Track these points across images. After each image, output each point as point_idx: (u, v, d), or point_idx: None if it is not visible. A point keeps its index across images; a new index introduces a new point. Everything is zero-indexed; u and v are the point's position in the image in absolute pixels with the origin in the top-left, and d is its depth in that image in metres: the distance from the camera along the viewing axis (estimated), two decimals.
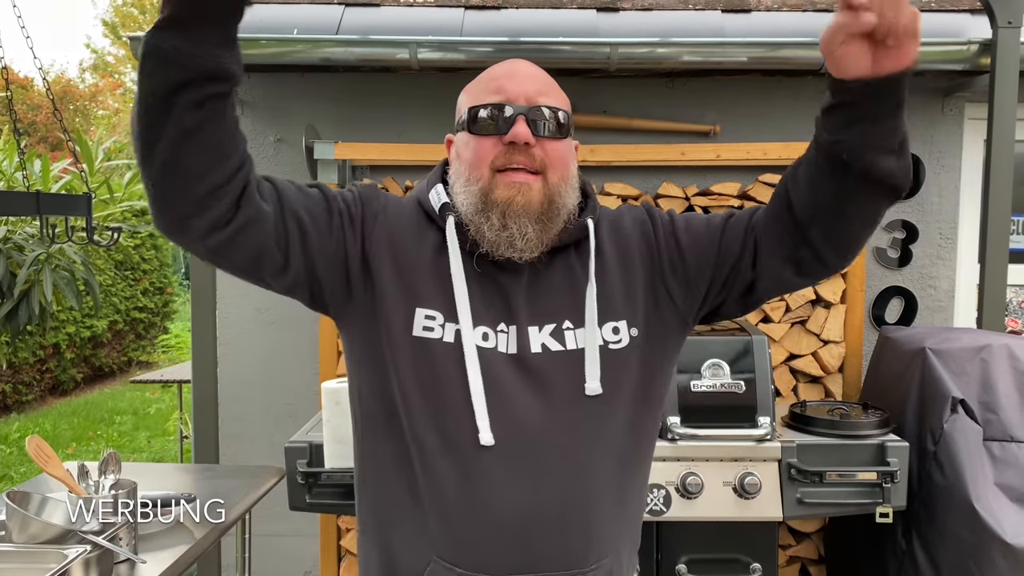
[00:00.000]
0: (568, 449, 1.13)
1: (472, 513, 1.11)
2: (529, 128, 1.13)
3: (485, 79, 1.20)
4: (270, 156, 3.44)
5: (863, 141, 1.03)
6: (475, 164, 1.15)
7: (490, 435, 1.09)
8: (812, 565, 3.13)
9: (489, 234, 1.12)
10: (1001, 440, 2.48)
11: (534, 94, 1.16)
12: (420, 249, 1.17)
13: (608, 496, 1.16)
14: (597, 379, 1.14)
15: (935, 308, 3.38)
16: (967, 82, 3.21)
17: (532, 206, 1.12)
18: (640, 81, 3.33)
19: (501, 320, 1.15)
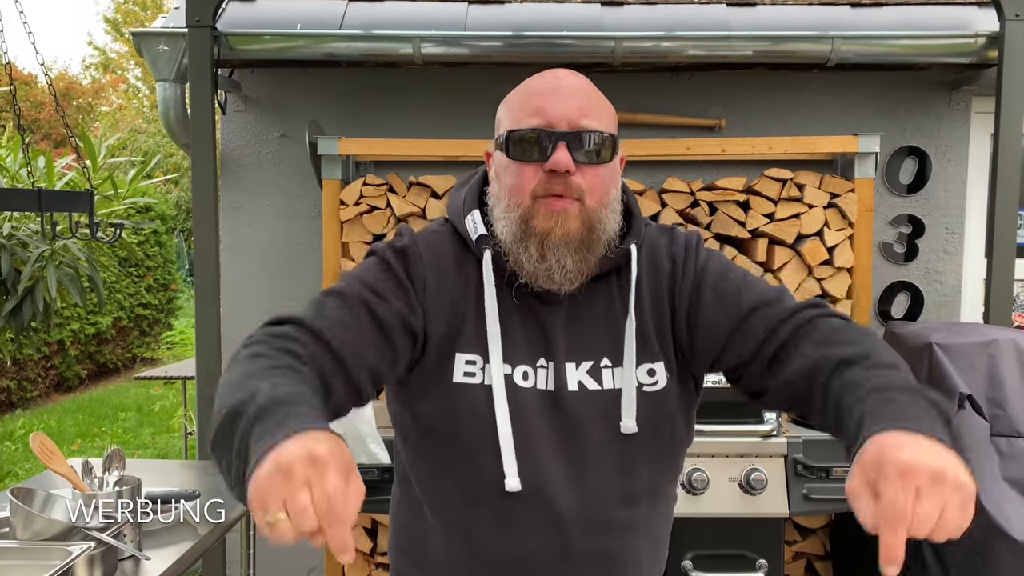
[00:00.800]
0: (603, 487, 1.11)
1: (504, 554, 1.10)
2: (570, 154, 1.08)
3: (525, 95, 1.13)
4: (274, 152, 3.43)
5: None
6: (515, 191, 1.11)
7: (516, 481, 1.07)
8: (818, 561, 3.12)
9: (528, 266, 1.10)
10: (1008, 436, 2.47)
11: (576, 115, 1.09)
12: (461, 288, 1.14)
13: (641, 530, 1.15)
14: (633, 418, 1.11)
15: (941, 303, 3.37)
16: (974, 75, 3.19)
17: (571, 236, 1.09)
18: (645, 75, 3.32)
19: (540, 356, 1.12)
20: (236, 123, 3.44)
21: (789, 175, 3.04)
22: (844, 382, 0.98)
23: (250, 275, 3.44)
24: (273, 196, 3.43)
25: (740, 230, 3.04)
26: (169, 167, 12.71)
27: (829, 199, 3.03)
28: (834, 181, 3.04)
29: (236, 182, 3.44)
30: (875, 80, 3.32)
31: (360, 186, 3.06)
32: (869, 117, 3.34)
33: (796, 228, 3.02)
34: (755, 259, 3.05)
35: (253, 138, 3.44)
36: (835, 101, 3.35)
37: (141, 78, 20.56)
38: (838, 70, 3.19)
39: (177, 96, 3.17)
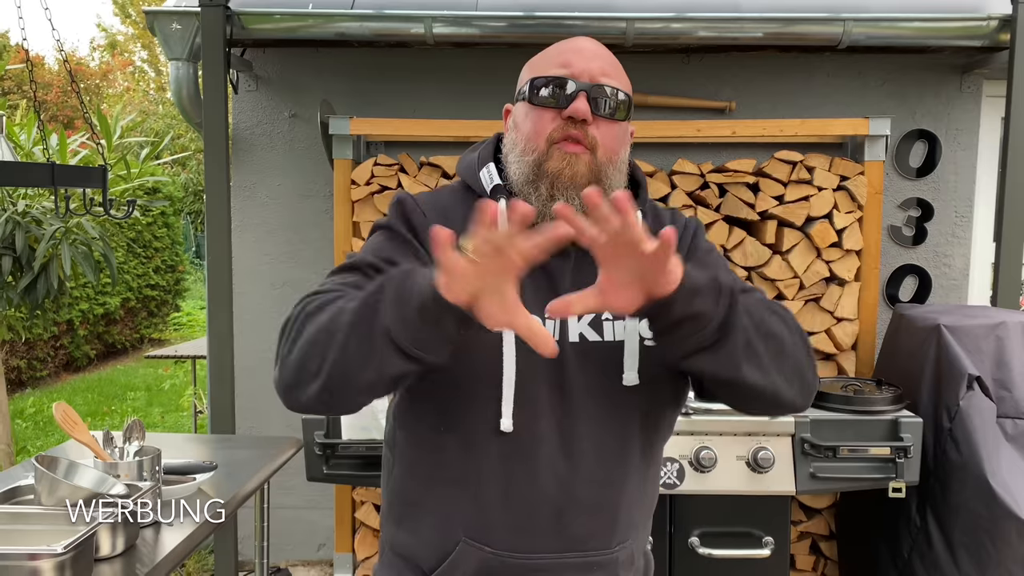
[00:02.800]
0: (601, 437, 1.14)
1: (503, 498, 1.12)
2: (589, 105, 1.12)
3: (552, 52, 1.19)
4: (285, 132, 3.44)
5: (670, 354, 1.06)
6: (532, 136, 1.15)
7: (510, 422, 1.10)
8: (823, 541, 3.15)
9: (537, 204, 1.13)
10: (1014, 417, 2.49)
11: (598, 73, 1.15)
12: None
13: (634, 483, 1.19)
14: (635, 370, 1.14)
15: (949, 287, 3.38)
16: (985, 59, 3.19)
17: (579, 178, 1.12)
18: (657, 57, 3.32)
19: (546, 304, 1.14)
20: (248, 103, 3.45)
21: (799, 157, 3.04)
22: None
23: (261, 253, 3.47)
24: (285, 176, 3.45)
25: (750, 212, 3.05)
26: (176, 148, 12.73)
27: (839, 182, 3.04)
28: (844, 164, 3.05)
29: (248, 162, 3.46)
30: (886, 63, 3.32)
31: (371, 166, 3.08)
32: (880, 100, 3.34)
33: (805, 210, 3.03)
34: (764, 241, 3.06)
35: (265, 118, 3.45)
36: (846, 84, 3.35)
37: (147, 60, 20.54)
38: (849, 52, 3.19)
39: (190, 75, 3.19)
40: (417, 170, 3.12)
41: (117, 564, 1.50)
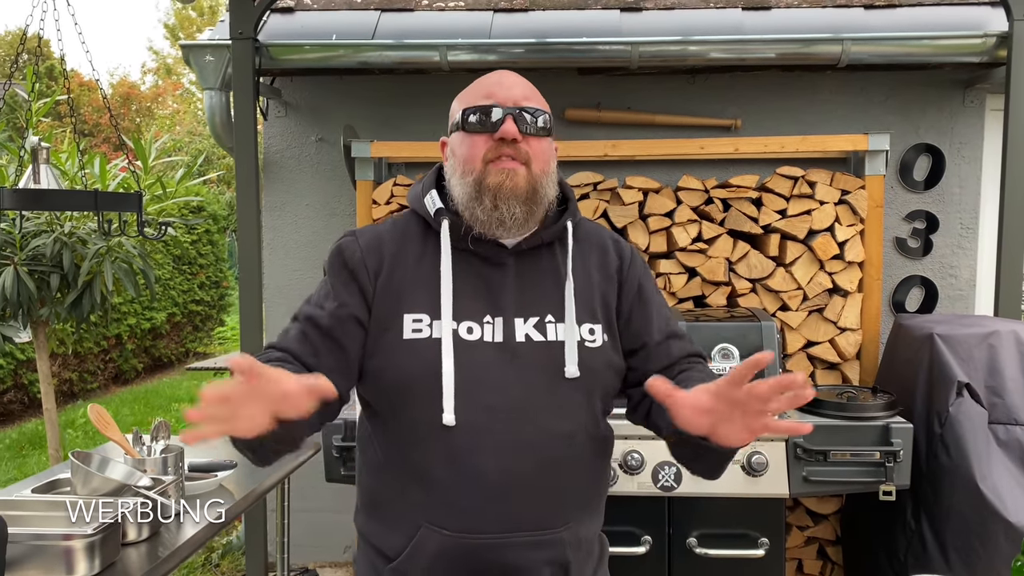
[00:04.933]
0: (547, 423, 1.28)
1: (456, 483, 1.25)
2: (516, 126, 1.28)
3: (475, 87, 1.35)
4: (312, 155, 3.65)
5: (693, 468, 1.34)
6: (469, 159, 1.30)
7: (452, 416, 1.23)
8: (829, 546, 3.22)
9: (482, 215, 1.28)
10: (1006, 423, 2.55)
11: (520, 98, 1.31)
12: (406, 261, 1.33)
13: (580, 467, 1.32)
14: (575, 364, 1.29)
15: (956, 297, 3.44)
16: (987, 74, 3.26)
17: (519, 190, 1.28)
18: (663, 78, 3.45)
19: (487, 312, 1.29)
20: (277, 128, 3.67)
21: (800, 173, 3.14)
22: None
23: (291, 270, 3.67)
24: (312, 196, 3.66)
25: (753, 226, 3.16)
26: (223, 167, 13.15)
27: (840, 196, 3.13)
28: (845, 178, 3.14)
29: (277, 183, 3.67)
30: (889, 79, 3.41)
31: (391, 186, 3.26)
32: (883, 115, 3.42)
33: (807, 224, 3.12)
34: (768, 253, 3.16)
35: (293, 142, 3.66)
36: (849, 100, 3.45)
37: (196, 83, 21.19)
38: (851, 70, 3.29)
39: (222, 103, 3.41)
40: None
41: (143, 548, 1.68)
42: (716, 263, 3.14)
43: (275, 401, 1.04)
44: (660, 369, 1.35)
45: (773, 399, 1.07)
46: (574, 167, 3.33)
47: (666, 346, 1.39)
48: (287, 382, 1.04)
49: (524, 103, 1.30)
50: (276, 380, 1.04)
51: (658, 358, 1.38)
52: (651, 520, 2.61)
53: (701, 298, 3.19)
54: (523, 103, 1.30)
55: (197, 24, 21.13)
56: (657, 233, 3.19)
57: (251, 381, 1.01)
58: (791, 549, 3.21)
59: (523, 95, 1.32)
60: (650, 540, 2.59)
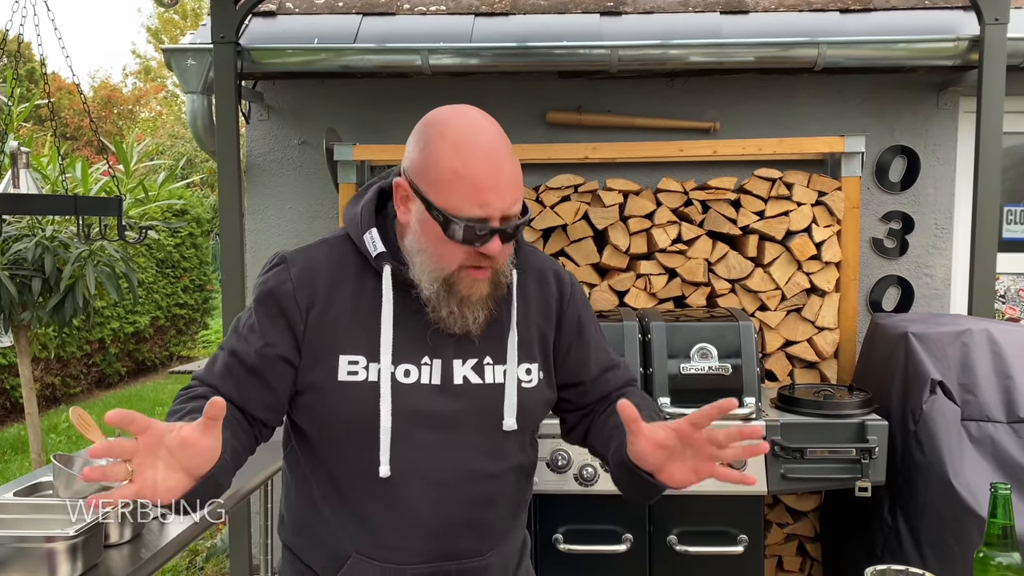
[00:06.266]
0: (480, 465, 1.29)
1: (387, 524, 1.27)
2: (501, 243, 1.20)
3: (469, 184, 1.17)
4: (295, 158, 3.66)
5: (629, 494, 1.32)
6: (444, 261, 1.21)
7: (387, 468, 1.23)
8: (808, 542, 3.26)
9: (446, 317, 1.24)
10: (978, 420, 2.60)
11: (510, 203, 1.20)
12: (342, 298, 1.27)
13: (509, 500, 1.35)
14: (514, 416, 1.30)
15: (931, 296, 3.49)
16: (960, 77, 3.31)
17: (484, 295, 1.25)
18: (643, 81, 3.49)
19: (426, 354, 1.26)
20: (260, 131, 3.68)
21: (778, 175, 3.19)
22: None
23: None
24: (294, 199, 3.67)
25: (731, 227, 3.20)
26: (206, 171, 13.11)
27: (817, 197, 3.18)
28: (822, 180, 3.19)
29: (260, 186, 3.68)
30: (865, 82, 3.46)
31: None
32: (859, 118, 3.47)
33: (785, 225, 3.17)
34: (746, 254, 3.20)
35: (276, 145, 3.68)
36: (826, 103, 3.50)
37: (179, 85, 21.08)
38: (828, 73, 3.34)
39: (204, 107, 3.41)
40: None
41: (125, 549, 1.69)
42: (696, 264, 3.18)
43: (178, 452, 1.04)
44: (596, 400, 1.43)
45: (729, 447, 1.14)
46: (555, 170, 3.36)
47: (603, 380, 1.43)
48: (181, 429, 1.04)
49: (513, 208, 1.20)
50: (168, 429, 1.03)
51: (595, 391, 1.43)
52: (632, 519, 2.64)
53: (681, 298, 3.22)
54: (512, 209, 1.20)
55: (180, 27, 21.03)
56: (637, 234, 3.23)
57: (141, 436, 1.01)
58: (771, 546, 3.25)
59: (513, 198, 1.20)
60: (631, 538, 2.62)
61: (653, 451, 1.17)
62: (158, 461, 1.04)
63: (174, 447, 1.04)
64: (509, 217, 1.20)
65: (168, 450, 1.04)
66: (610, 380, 1.44)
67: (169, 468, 1.05)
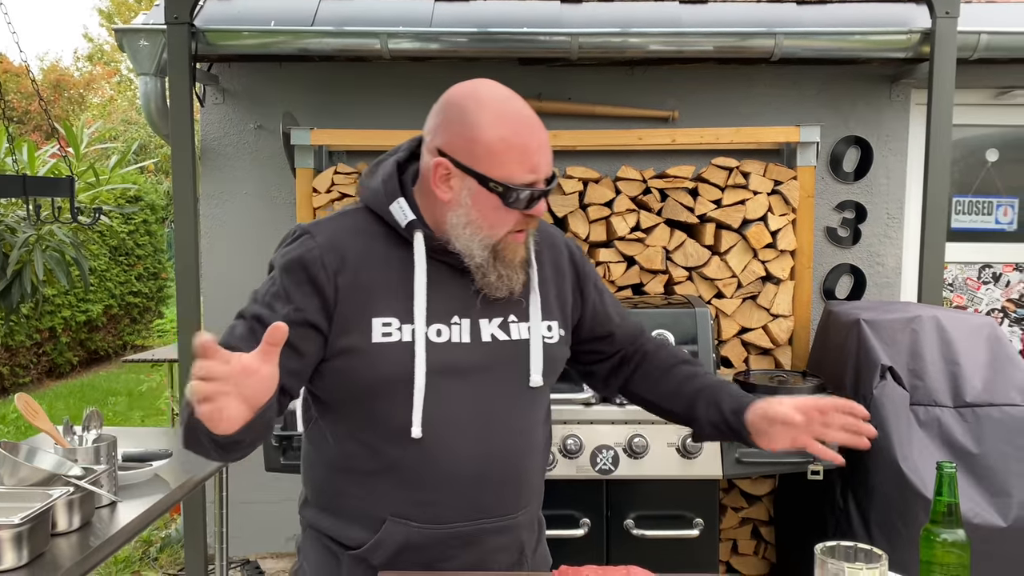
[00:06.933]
0: (511, 422, 1.34)
1: (422, 483, 1.29)
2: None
3: (520, 151, 1.24)
4: (251, 142, 3.60)
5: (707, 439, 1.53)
6: (496, 227, 1.27)
7: (419, 430, 1.25)
8: (763, 526, 3.32)
9: (495, 281, 1.29)
10: (926, 404, 2.66)
11: (549, 164, 1.28)
12: (371, 263, 1.29)
13: (536, 457, 1.40)
14: (540, 373, 1.35)
15: (883, 284, 3.56)
16: (912, 69, 3.38)
17: (523, 257, 1.33)
18: (603, 69, 3.50)
19: (455, 314, 1.31)
20: (215, 115, 3.61)
21: (735, 163, 3.22)
22: (683, 374, 1.51)
23: (231, 259, 3.62)
24: (251, 184, 3.61)
25: (689, 215, 3.23)
26: (161, 157, 12.84)
27: (773, 186, 3.22)
28: (777, 169, 3.23)
29: (215, 171, 3.62)
30: (820, 74, 3.51)
31: (331, 174, 3.24)
32: (815, 109, 3.53)
33: (741, 213, 3.20)
34: (703, 242, 3.23)
35: (231, 129, 3.61)
36: (783, 93, 3.54)
37: (133, 69, 20.61)
38: (785, 64, 3.38)
39: (158, 89, 3.34)
40: None
41: (73, 538, 1.65)
42: (654, 252, 3.20)
43: (240, 380, 1.04)
44: (623, 347, 1.54)
45: (839, 431, 1.34)
46: None
47: (624, 327, 1.54)
48: (241, 357, 1.04)
49: (553, 169, 1.29)
50: (233, 357, 1.04)
51: (621, 339, 1.53)
52: (589, 503, 2.66)
53: (639, 286, 3.25)
54: (552, 169, 1.29)
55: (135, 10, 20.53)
56: (597, 222, 3.24)
57: (211, 358, 1.02)
58: (726, 530, 3.30)
59: (550, 159, 1.28)
60: (588, 523, 2.63)
61: (783, 434, 1.34)
62: (231, 390, 1.04)
63: (236, 375, 1.03)
64: (552, 179, 1.28)
65: (233, 380, 1.04)
66: (630, 328, 1.54)
67: (230, 396, 1.04)
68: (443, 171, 1.26)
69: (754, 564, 3.33)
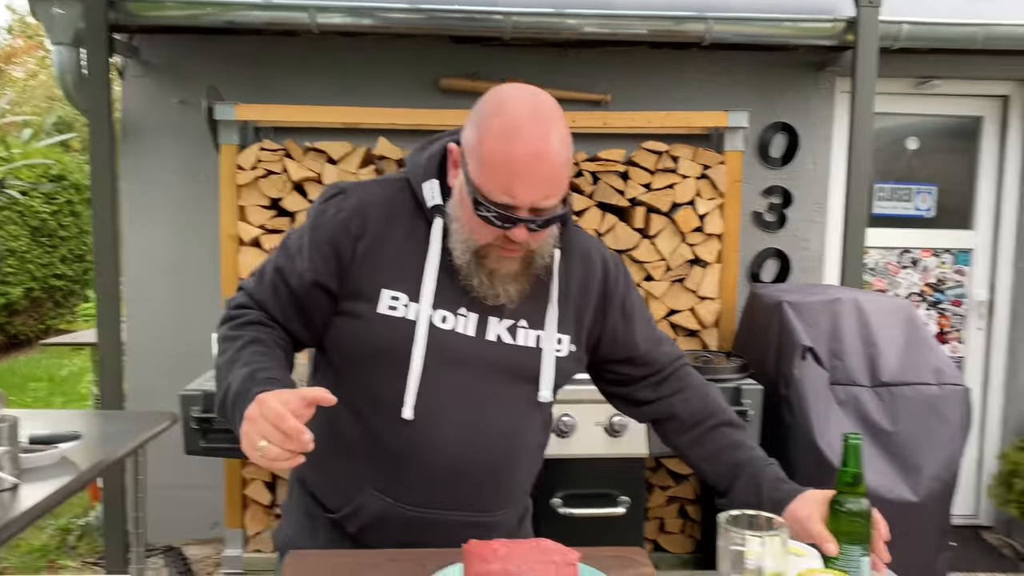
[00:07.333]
0: (503, 424, 1.31)
1: (405, 465, 1.28)
2: (527, 231, 1.21)
3: (503, 170, 1.18)
4: (174, 117, 3.49)
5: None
6: (476, 233, 1.25)
7: (411, 411, 1.25)
8: (689, 504, 3.38)
9: (476, 285, 1.27)
10: (845, 384, 2.74)
11: (540, 198, 1.19)
12: (394, 234, 1.30)
13: (525, 462, 1.39)
14: (550, 388, 1.33)
15: (807, 268, 3.64)
16: (837, 57, 3.45)
17: (514, 273, 1.28)
18: (537, 50, 3.48)
19: (463, 306, 1.29)
20: (136, 88, 3.49)
21: (665, 148, 3.25)
22: (727, 440, 1.44)
23: (152, 238, 3.51)
24: (174, 161, 3.50)
25: (620, 199, 3.25)
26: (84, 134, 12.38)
27: (702, 170, 3.25)
28: (706, 154, 3.27)
29: (136, 147, 3.49)
30: (750, 60, 3.56)
31: (257, 151, 3.16)
32: (744, 94, 3.57)
33: (671, 197, 3.23)
34: (634, 226, 3.26)
35: (153, 104, 3.49)
36: (713, 79, 3.58)
37: None
38: (716, 49, 3.42)
39: (74, 60, 3.20)
40: (303, 155, 3.21)
41: None
42: None
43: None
44: (650, 374, 1.46)
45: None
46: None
47: (655, 353, 1.46)
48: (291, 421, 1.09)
49: (544, 203, 1.19)
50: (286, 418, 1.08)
51: (647, 364, 1.46)
52: None
53: None
54: (542, 203, 1.19)
55: None
56: None
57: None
58: (654, 508, 3.35)
59: (544, 194, 1.19)
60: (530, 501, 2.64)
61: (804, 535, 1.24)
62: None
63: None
64: (542, 210, 1.20)
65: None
66: (661, 355, 1.47)
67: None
68: (454, 157, 1.29)
69: (680, 542, 3.39)
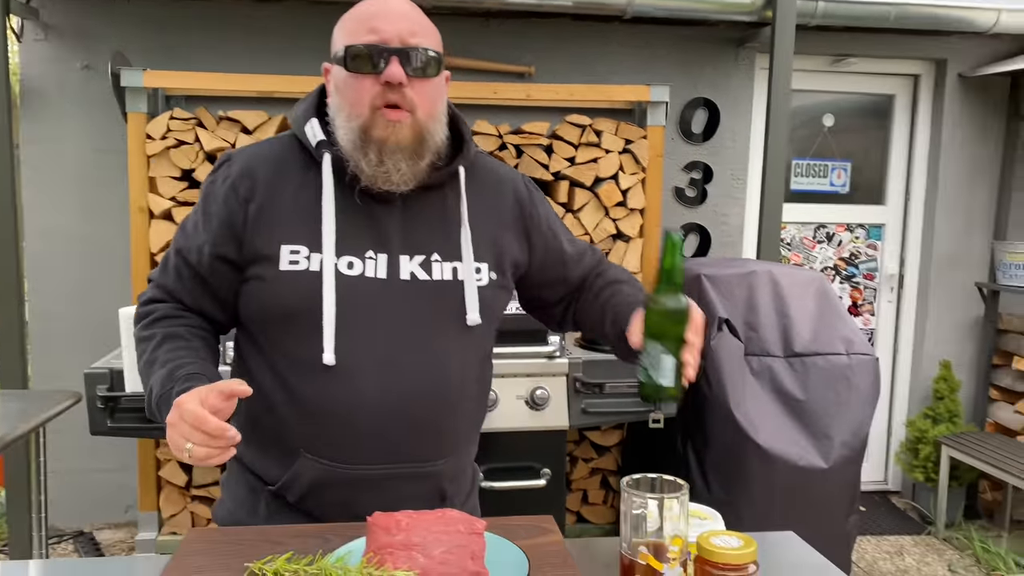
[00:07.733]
0: (431, 364, 1.25)
1: (333, 418, 1.22)
2: (402, 69, 1.19)
3: (361, 15, 1.23)
4: (78, 84, 3.32)
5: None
6: (355, 103, 1.22)
7: (332, 356, 1.20)
8: (612, 475, 3.42)
9: (368, 169, 1.22)
10: (759, 355, 2.80)
11: (407, 34, 1.20)
12: (286, 189, 1.26)
13: (465, 404, 1.32)
14: (477, 311, 1.27)
15: (727, 243, 3.71)
16: (756, 33, 3.50)
17: (404, 142, 1.21)
18: (459, 20, 3.42)
19: (370, 248, 1.25)
20: (36, 53, 3.30)
21: (588, 121, 3.24)
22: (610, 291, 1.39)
23: (55, 212, 3.34)
24: (78, 130, 3.33)
25: (544, 172, 3.24)
26: None
27: (624, 145, 3.26)
28: (629, 128, 3.28)
29: (37, 115, 3.31)
30: (672, 35, 3.58)
31: (167, 120, 3.03)
32: (666, 69, 3.59)
33: (594, 172, 3.24)
34: (558, 200, 3.25)
35: (55, 69, 3.31)
36: (636, 53, 3.58)
37: None
38: (638, 23, 3.42)
39: None
40: (216, 124, 3.10)
41: None
42: None
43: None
44: (577, 286, 1.45)
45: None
46: None
47: (580, 266, 1.45)
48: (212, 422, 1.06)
49: (411, 40, 1.20)
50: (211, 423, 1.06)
51: (574, 278, 1.45)
52: None
53: None
54: (410, 40, 1.20)
55: None
56: None
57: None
58: (577, 480, 3.38)
59: (410, 30, 1.21)
60: (480, 472, 2.62)
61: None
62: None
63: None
64: (412, 48, 1.20)
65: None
66: (585, 264, 1.46)
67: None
68: (327, 74, 1.29)
69: (603, 513, 3.44)
